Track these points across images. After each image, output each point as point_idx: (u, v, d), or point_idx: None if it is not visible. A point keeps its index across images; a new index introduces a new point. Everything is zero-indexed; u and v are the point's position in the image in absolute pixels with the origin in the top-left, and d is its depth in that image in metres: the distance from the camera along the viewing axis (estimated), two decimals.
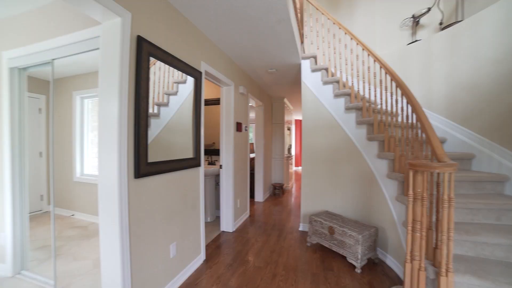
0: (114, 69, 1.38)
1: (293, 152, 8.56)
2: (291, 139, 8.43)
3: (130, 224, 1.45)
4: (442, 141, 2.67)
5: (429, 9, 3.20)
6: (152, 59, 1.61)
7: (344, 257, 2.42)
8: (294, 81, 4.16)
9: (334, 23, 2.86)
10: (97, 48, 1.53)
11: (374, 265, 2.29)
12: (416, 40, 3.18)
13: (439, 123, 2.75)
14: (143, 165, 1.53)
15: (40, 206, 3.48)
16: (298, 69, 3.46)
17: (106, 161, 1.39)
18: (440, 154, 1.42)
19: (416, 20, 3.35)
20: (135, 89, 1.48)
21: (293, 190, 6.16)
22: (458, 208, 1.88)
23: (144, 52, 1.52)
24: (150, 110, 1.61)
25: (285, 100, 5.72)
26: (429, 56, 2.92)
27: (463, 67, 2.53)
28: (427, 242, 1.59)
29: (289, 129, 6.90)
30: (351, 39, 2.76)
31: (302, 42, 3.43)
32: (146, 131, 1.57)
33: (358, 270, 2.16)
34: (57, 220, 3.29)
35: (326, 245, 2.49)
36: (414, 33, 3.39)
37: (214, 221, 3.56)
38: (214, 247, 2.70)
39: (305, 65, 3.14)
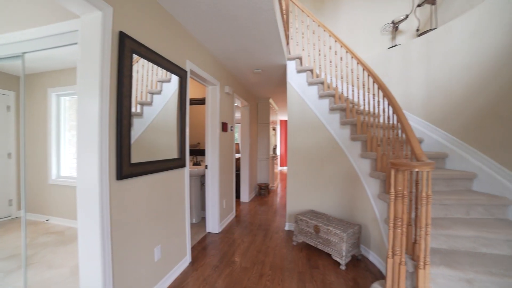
0: (95, 66, 1.31)
1: (278, 152, 8.64)
2: (276, 139, 8.50)
3: (112, 227, 1.39)
4: (420, 141, 2.82)
5: (407, 16, 3.36)
6: (135, 57, 1.55)
7: (329, 255, 2.48)
8: (279, 82, 4.19)
9: (319, 26, 2.93)
10: (75, 43, 1.45)
11: (358, 262, 2.36)
12: (396, 45, 3.34)
13: (417, 124, 2.90)
14: (126, 166, 1.47)
15: (9, 212, 3.23)
16: (283, 70, 3.49)
17: (86, 162, 1.32)
18: (419, 154, 1.50)
19: (395, 26, 3.51)
20: (117, 87, 1.42)
21: (279, 189, 6.22)
22: (434, 204, 2.00)
23: (127, 48, 1.46)
24: (133, 109, 1.55)
25: (271, 100, 5.76)
26: (407, 61, 3.07)
27: (438, 72, 2.68)
28: (407, 238, 1.67)
29: (274, 129, 6.96)
30: (335, 41, 2.84)
31: (287, 43, 3.47)
32: (129, 130, 1.51)
33: (342, 267, 2.22)
34: (30, 226, 3.08)
35: (312, 244, 2.54)
36: (394, 38, 3.55)
37: (199, 222, 3.50)
38: (200, 248, 2.65)
39: (291, 66, 3.18)
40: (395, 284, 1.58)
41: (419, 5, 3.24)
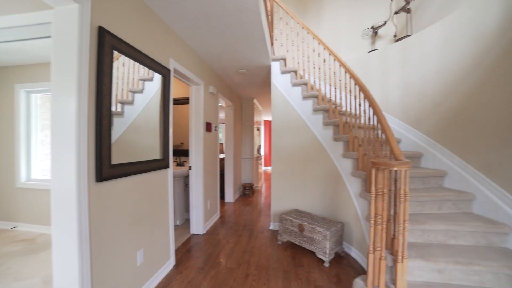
0: (71, 61, 1.23)
1: (262, 152, 8.68)
2: (261, 139, 8.54)
3: (91, 232, 1.32)
4: (398, 142, 2.97)
5: (385, 22, 3.53)
6: (115, 54, 1.48)
7: (313, 253, 2.53)
8: (263, 82, 4.22)
9: (303, 28, 2.98)
10: (48, 36, 1.36)
11: (341, 258, 2.44)
12: (375, 49, 3.48)
13: (395, 125, 3.05)
14: (106, 167, 1.40)
15: None
16: (268, 71, 3.52)
17: (62, 164, 1.24)
18: (398, 153, 1.58)
19: (375, 31, 3.67)
20: (97, 85, 1.35)
21: (263, 189, 6.25)
22: (411, 201, 2.12)
23: (107, 45, 1.39)
24: (113, 108, 1.49)
25: (255, 100, 5.78)
26: (386, 64, 3.23)
27: (413, 76, 2.85)
28: (387, 234, 1.75)
29: (258, 129, 6.99)
30: (319, 44, 2.91)
31: (272, 44, 3.50)
32: (110, 130, 1.44)
33: (326, 264, 2.28)
34: None
35: (296, 242, 2.58)
36: (373, 42, 3.71)
37: (183, 224, 3.43)
38: (184, 251, 2.60)
39: (275, 67, 3.21)
40: (376, 278, 1.65)
41: (396, 13, 3.41)
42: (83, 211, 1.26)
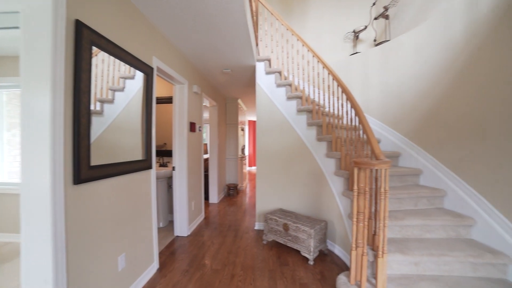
0: (45, 55, 1.15)
1: (246, 152, 8.68)
2: (245, 139, 8.54)
3: (67, 238, 1.24)
4: (378, 142, 3.10)
5: (366, 27, 3.67)
6: (94, 49, 1.41)
7: (298, 251, 2.57)
8: (248, 83, 4.22)
9: (287, 29, 3.02)
10: (15, 27, 1.24)
11: (325, 256, 2.50)
12: (356, 52, 3.62)
13: (375, 126, 3.19)
14: (85, 169, 1.33)
15: None
16: (252, 71, 3.52)
17: (34, 165, 1.15)
18: (378, 153, 1.65)
19: (356, 35, 3.81)
20: (74, 82, 1.27)
21: (247, 190, 6.25)
22: (390, 199, 2.22)
23: (85, 39, 1.32)
24: (92, 107, 1.41)
25: (239, 101, 5.76)
26: (366, 67, 3.36)
27: (391, 79, 2.99)
28: (368, 230, 1.83)
29: (243, 129, 6.98)
30: (303, 45, 2.96)
31: (257, 44, 3.52)
32: (89, 130, 1.36)
33: (311, 262, 2.33)
34: None
35: (281, 242, 2.61)
36: (355, 45, 3.85)
37: (167, 226, 3.33)
38: (168, 253, 2.53)
39: (260, 67, 3.23)
40: (358, 274, 1.72)
41: (375, 18, 3.57)
42: (58, 217, 1.18)
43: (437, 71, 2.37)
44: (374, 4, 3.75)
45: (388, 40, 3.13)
